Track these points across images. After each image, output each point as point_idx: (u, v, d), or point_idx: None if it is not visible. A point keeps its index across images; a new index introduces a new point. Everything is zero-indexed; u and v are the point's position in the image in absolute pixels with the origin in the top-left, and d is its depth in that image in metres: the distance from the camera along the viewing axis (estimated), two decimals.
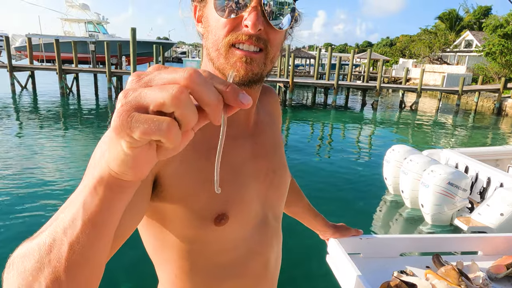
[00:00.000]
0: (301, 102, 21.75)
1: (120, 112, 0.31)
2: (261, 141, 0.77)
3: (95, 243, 0.40)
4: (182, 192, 0.62)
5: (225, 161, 0.67)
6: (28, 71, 18.52)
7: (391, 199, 6.35)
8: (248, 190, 0.71)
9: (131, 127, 0.31)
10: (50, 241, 0.41)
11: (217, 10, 0.59)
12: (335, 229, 1.19)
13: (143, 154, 0.34)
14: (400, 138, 12.66)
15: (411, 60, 37.48)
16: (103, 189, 0.38)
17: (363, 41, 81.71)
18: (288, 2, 0.61)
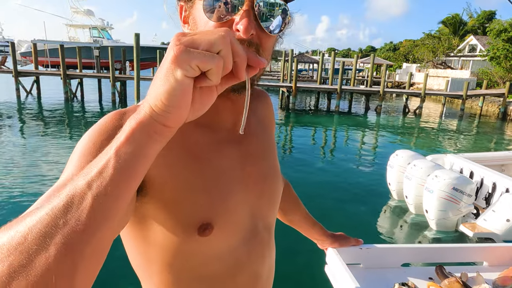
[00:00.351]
0: (304, 107, 21.73)
1: (178, 47, 0.39)
2: (250, 147, 0.74)
3: (121, 196, 0.41)
4: (165, 197, 0.59)
5: (210, 167, 0.65)
6: (33, 76, 18.69)
7: (395, 204, 6.28)
8: (235, 199, 0.67)
9: (189, 56, 0.38)
10: (67, 199, 0.38)
11: (206, 12, 0.55)
12: (333, 238, 1.14)
13: (189, 89, 0.40)
14: (404, 143, 12.57)
15: (414, 64, 37.41)
16: (141, 134, 0.41)
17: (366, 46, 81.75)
18: (280, 4, 0.58)
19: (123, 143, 0.41)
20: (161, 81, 0.40)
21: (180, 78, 0.39)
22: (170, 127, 0.42)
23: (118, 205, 0.41)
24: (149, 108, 0.41)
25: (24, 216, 0.39)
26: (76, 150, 0.55)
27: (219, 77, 0.42)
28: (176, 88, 0.40)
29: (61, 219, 0.37)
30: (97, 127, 0.56)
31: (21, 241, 0.36)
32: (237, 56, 0.42)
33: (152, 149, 0.42)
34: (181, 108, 0.41)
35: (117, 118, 0.57)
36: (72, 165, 0.52)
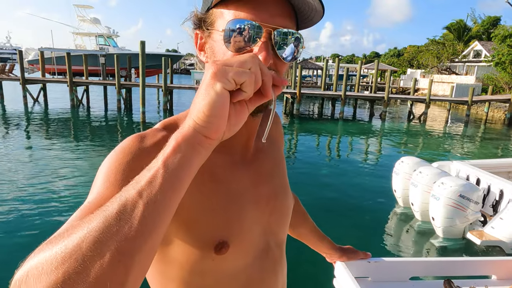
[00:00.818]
0: (309, 113, 21.73)
1: (215, 65, 0.45)
2: (262, 167, 0.76)
3: (169, 204, 0.43)
4: (184, 217, 0.61)
5: (224, 189, 0.67)
6: (40, 83, 18.91)
7: (400, 211, 6.24)
8: (249, 218, 0.70)
9: (226, 71, 0.45)
10: (119, 208, 0.40)
11: (225, 42, 0.58)
12: (342, 252, 1.15)
13: (227, 101, 0.45)
14: (409, 149, 12.51)
15: (419, 70, 37.31)
16: (186, 146, 0.45)
17: (370, 52, 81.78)
18: (294, 33, 0.61)
19: (170, 154, 0.44)
20: (203, 96, 0.45)
21: (220, 91, 0.44)
22: (211, 139, 0.47)
23: (167, 213, 0.43)
24: (192, 122, 0.46)
25: (73, 226, 0.40)
26: (102, 170, 0.57)
27: (252, 89, 0.47)
28: (216, 99, 0.44)
29: (114, 226, 0.39)
30: (120, 149, 0.59)
31: (76, 249, 0.37)
32: (264, 75, 0.48)
33: (196, 160, 0.46)
34: (221, 119, 0.46)
35: (138, 140, 0.60)
36: (100, 184, 0.54)
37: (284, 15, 0.60)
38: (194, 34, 0.67)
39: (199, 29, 0.66)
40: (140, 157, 0.57)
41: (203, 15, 0.64)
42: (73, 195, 6.44)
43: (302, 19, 0.64)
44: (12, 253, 4.37)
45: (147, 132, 0.62)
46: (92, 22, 35.78)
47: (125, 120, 15.74)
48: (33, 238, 4.74)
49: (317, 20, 0.65)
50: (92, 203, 0.51)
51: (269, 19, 0.58)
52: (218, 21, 0.61)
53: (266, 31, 0.58)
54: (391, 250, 5.03)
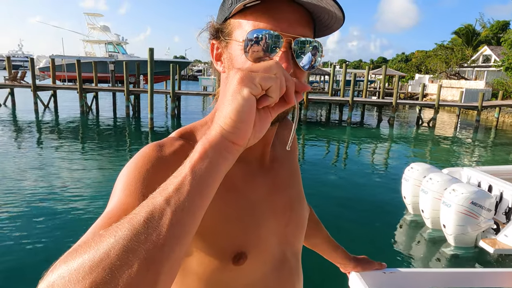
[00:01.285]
0: (316, 119, 21.68)
1: (242, 72, 0.45)
2: (278, 177, 0.76)
3: (197, 211, 0.43)
4: (202, 227, 0.60)
5: (242, 198, 0.67)
6: (50, 90, 19.22)
7: (410, 219, 6.15)
8: (266, 228, 0.69)
9: (253, 77, 0.45)
10: (147, 215, 0.40)
11: (244, 52, 0.58)
12: (356, 262, 1.13)
13: (254, 106, 0.45)
14: (418, 155, 12.37)
15: (427, 75, 37.04)
16: (213, 152, 0.44)
17: (378, 57, 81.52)
18: (313, 42, 0.61)
19: (197, 160, 0.44)
20: (229, 101, 0.45)
21: (247, 95, 0.44)
22: (238, 145, 0.46)
23: (194, 221, 0.43)
24: (219, 127, 0.46)
25: (100, 235, 0.40)
26: (121, 179, 0.57)
27: (278, 95, 0.47)
28: (244, 104, 0.44)
29: (142, 234, 0.38)
30: (139, 157, 0.59)
31: (103, 258, 0.37)
32: (287, 81, 0.48)
33: (223, 166, 0.46)
34: (248, 125, 0.45)
35: (156, 149, 0.60)
36: (120, 191, 0.54)
37: (303, 24, 0.60)
38: (211, 44, 0.67)
39: (215, 39, 0.65)
40: (159, 166, 0.57)
41: (220, 26, 0.64)
42: (83, 200, 6.49)
43: (321, 27, 0.64)
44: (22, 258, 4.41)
45: (164, 141, 0.62)
46: (102, 29, 36.36)
47: (134, 126, 15.88)
48: (45, 244, 4.78)
49: (337, 28, 0.64)
50: (113, 212, 0.51)
51: (289, 28, 0.58)
52: (237, 31, 0.60)
53: (286, 41, 0.57)
54: (401, 258, 4.96)
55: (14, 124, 14.77)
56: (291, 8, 0.58)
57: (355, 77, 19.69)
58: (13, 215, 5.70)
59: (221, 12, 0.64)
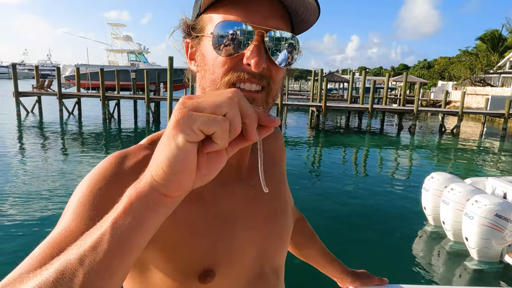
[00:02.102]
0: (335, 126, 21.43)
1: (180, 111, 0.37)
2: (258, 185, 0.69)
3: (115, 272, 0.38)
4: (163, 242, 0.57)
5: (212, 210, 0.61)
6: (75, 98, 19.91)
7: (431, 230, 5.93)
8: (241, 241, 0.64)
9: (191, 119, 0.37)
10: (57, 275, 0.36)
11: (215, 48, 0.55)
12: (355, 276, 1.06)
13: (192, 155, 0.38)
14: (440, 164, 11.98)
15: (451, 82, 36.05)
16: (139, 205, 0.39)
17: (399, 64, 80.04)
18: (289, 37, 0.57)
19: (120, 215, 0.39)
20: (162, 148, 0.39)
21: (182, 144, 0.37)
22: (171, 197, 0.40)
23: (111, 283, 0.38)
24: (150, 177, 0.40)
25: (10, 284, 0.37)
26: (73, 198, 0.53)
27: (226, 140, 0.39)
28: (178, 154, 0.38)
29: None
30: (95, 172, 0.55)
31: None
32: (246, 117, 0.40)
33: (152, 221, 0.40)
34: (184, 176, 0.39)
35: (116, 162, 0.56)
36: (69, 215, 0.51)
37: (277, 17, 0.56)
38: (185, 43, 0.63)
39: (189, 37, 0.62)
40: (114, 183, 0.53)
41: (193, 22, 0.60)
42: None
43: (298, 21, 0.60)
44: None
45: (129, 150, 0.59)
46: (124, 39, 37.49)
47: (154, 132, 16.14)
48: None
49: (313, 21, 0.60)
50: (56, 239, 0.47)
51: (261, 21, 0.54)
52: (208, 26, 0.57)
53: (258, 34, 0.54)
54: (420, 271, 4.77)
55: (41, 130, 15.34)
56: (264, 1, 0.55)
57: (375, 84, 19.35)
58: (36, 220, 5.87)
59: (194, 8, 0.61)
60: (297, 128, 19.73)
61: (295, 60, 0.60)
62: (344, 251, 5.06)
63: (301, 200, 7.30)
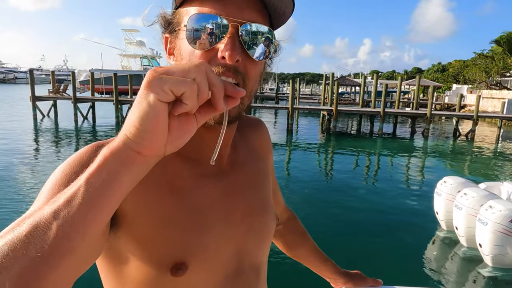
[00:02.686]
0: (346, 130, 21.25)
1: (152, 73, 0.39)
2: (238, 180, 0.69)
3: (88, 227, 0.39)
4: (138, 233, 0.56)
5: (188, 202, 0.61)
6: (89, 102, 20.31)
7: (443, 236, 5.80)
8: (216, 236, 0.62)
9: (161, 80, 0.39)
10: (30, 228, 0.36)
11: (190, 42, 0.54)
12: (348, 277, 1.03)
13: (163, 115, 0.40)
14: (454, 168, 11.74)
15: (465, 86, 35.40)
16: (113, 161, 0.40)
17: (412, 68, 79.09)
18: (265, 31, 0.57)
19: (94, 171, 0.40)
20: (135, 108, 0.40)
21: (153, 102, 0.39)
22: (144, 155, 0.41)
23: (84, 237, 0.39)
24: (123, 136, 0.41)
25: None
26: (47, 182, 0.53)
27: (195, 102, 0.41)
28: (149, 111, 0.39)
29: (21, 249, 0.35)
30: (71, 159, 0.55)
31: None
32: (213, 86, 0.42)
33: (125, 178, 0.41)
34: (155, 134, 0.40)
35: (92, 150, 0.56)
36: (42, 197, 0.51)
37: (253, 10, 0.56)
38: (164, 38, 0.62)
39: (167, 32, 0.61)
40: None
41: (170, 17, 0.60)
42: None
43: (275, 15, 0.59)
44: None
45: (107, 140, 0.58)
46: (137, 44, 38.19)
47: None
48: None
49: (289, 14, 0.59)
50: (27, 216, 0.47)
51: (236, 13, 0.54)
52: (184, 19, 0.57)
53: (232, 26, 0.53)
54: (432, 277, 4.66)
55: (56, 133, 15.69)
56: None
57: (387, 88, 19.10)
58: None
59: (172, 2, 0.61)
60: (309, 132, 19.64)
61: (271, 54, 0.59)
62: (354, 255, 4.99)
63: (312, 203, 7.25)
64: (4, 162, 9.70)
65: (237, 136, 0.73)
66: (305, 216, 6.53)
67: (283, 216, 1.01)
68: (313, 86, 77.17)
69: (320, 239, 4.54)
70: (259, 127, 0.83)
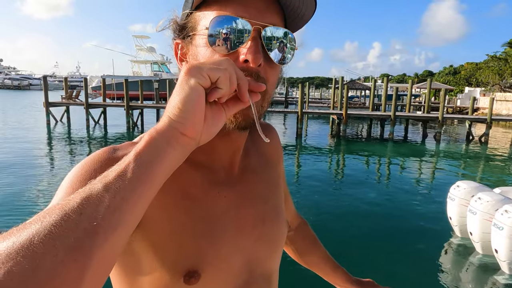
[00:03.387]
0: (356, 134, 21.08)
1: (190, 64, 0.45)
2: (249, 188, 0.69)
3: (138, 201, 0.40)
4: (153, 238, 0.56)
5: (202, 210, 0.61)
6: (101, 108, 20.61)
7: (458, 242, 5.67)
8: (228, 245, 0.62)
9: (200, 67, 0.44)
10: (81, 201, 0.36)
11: (210, 45, 0.54)
12: (359, 285, 1.00)
13: (202, 97, 0.44)
14: (468, 172, 11.51)
15: (478, 88, 34.81)
16: (160, 140, 0.43)
17: (423, 71, 78.16)
18: (288, 34, 0.57)
19: (143, 148, 0.42)
20: (177, 92, 0.44)
21: (194, 85, 0.43)
22: (187, 136, 0.45)
23: (135, 211, 0.40)
24: (167, 118, 0.44)
25: (27, 222, 0.35)
26: (67, 179, 0.53)
27: (228, 87, 0.45)
28: (191, 94, 0.43)
29: (74, 220, 0.35)
30: (89, 158, 0.56)
31: (25, 245, 0.32)
32: (239, 79, 0.47)
33: (171, 157, 0.44)
34: (196, 115, 0.44)
35: (110, 151, 0.56)
36: (64, 191, 0.51)
37: (273, 12, 0.55)
38: (174, 44, 0.62)
39: (178, 38, 0.60)
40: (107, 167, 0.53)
41: (184, 22, 0.59)
42: None
43: (293, 18, 0.59)
44: None
45: (121, 145, 0.59)
46: (148, 50, 38.71)
47: None
48: None
49: (309, 17, 0.59)
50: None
51: (258, 16, 0.54)
52: (201, 23, 0.56)
53: (255, 29, 0.53)
54: (446, 285, 4.55)
55: (69, 138, 15.95)
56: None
57: (397, 91, 18.89)
58: None
59: (185, 6, 0.60)
60: (318, 136, 19.56)
61: (290, 57, 0.59)
62: (365, 262, 4.92)
63: (322, 209, 7.18)
64: (19, 167, 9.89)
65: (249, 142, 0.73)
66: (315, 221, 6.47)
67: (294, 223, 0.99)
68: (322, 90, 76.98)
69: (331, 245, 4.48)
70: (269, 133, 0.81)
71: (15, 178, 8.72)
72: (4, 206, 6.78)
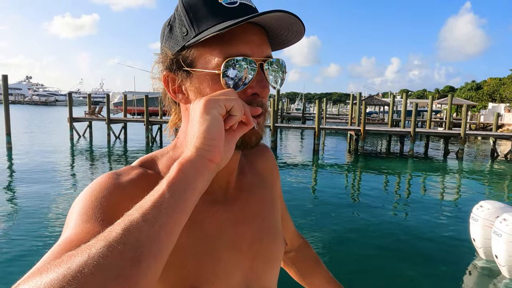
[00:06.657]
0: (375, 150, 20.73)
1: (206, 98, 0.50)
2: (246, 207, 0.70)
3: (174, 228, 0.43)
4: None
5: (201, 230, 0.62)
6: (122, 123, 21.20)
7: (482, 265, 5.42)
8: (226, 263, 0.63)
9: (215, 100, 0.49)
10: (123, 232, 0.39)
11: (226, 81, 0.56)
12: None
13: (222, 124, 0.49)
14: (492, 191, 11.07)
15: (502, 104, 33.79)
16: (190, 168, 0.46)
17: (444, 86, 76.64)
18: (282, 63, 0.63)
19: (174, 177, 0.45)
20: (199, 123, 0.48)
21: (215, 115, 0.48)
22: (214, 162, 0.48)
23: (171, 238, 0.42)
24: (193, 147, 0.48)
25: (70, 255, 0.38)
26: (75, 207, 0.54)
27: (242, 113, 0.52)
28: (214, 123, 0.48)
29: (118, 251, 0.37)
30: (94, 185, 0.56)
31: (76, 276, 0.35)
32: (244, 106, 0.53)
33: (200, 184, 0.47)
34: (219, 141, 0.48)
35: (113, 177, 0.58)
36: (77, 219, 0.51)
37: (266, 43, 0.60)
38: (163, 76, 0.63)
39: (168, 71, 0.62)
40: (115, 193, 0.55)
41: (176, 56, 0.60)
42: None
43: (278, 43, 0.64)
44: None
45: (122, 170, 0.61)
46: None
47: None
48: None
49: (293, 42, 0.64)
50: (71, 237, 0.47)
51: (258, 51, 0.58)
52: (202, 60, 0.58)
53: (259, 64, 0.58)
54: None
55: (90, 152, 16.42)
56: (254, 30, 0.58)
57: (417, 107, 18.58)
58: None
59: (171, 40, 0.61)
60: (336, 153, 19.34)
61: (283, 81, 0.65)
62: (384, 283, 4.75)
63: (340, 227, 7.03)
64: (43, 182, 10.23)
65: (243, 161, 0.75)
66: (331, 240, 6.34)
67: (294, 243, 0.99)
68: (340, 105, 76.54)
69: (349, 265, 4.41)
70: (264, 152, 0.83)
71: (39, 188, 9.02)
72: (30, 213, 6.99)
